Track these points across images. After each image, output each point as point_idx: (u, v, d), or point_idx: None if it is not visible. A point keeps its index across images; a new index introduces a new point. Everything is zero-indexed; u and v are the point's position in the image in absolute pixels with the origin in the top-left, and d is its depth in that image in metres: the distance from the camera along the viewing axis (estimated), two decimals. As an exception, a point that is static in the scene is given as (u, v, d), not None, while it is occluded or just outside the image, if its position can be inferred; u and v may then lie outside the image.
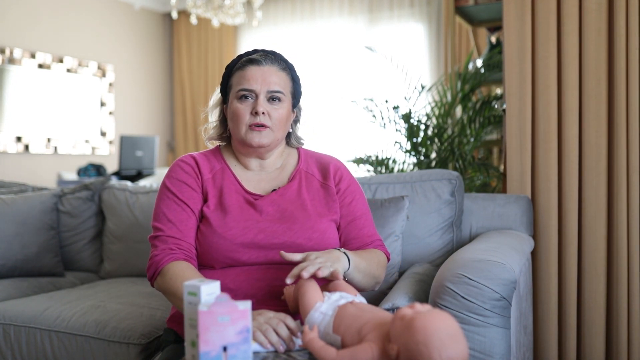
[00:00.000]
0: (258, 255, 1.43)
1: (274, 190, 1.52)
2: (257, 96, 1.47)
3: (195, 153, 1.57)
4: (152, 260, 1.42)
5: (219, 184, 1.51)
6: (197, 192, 1.50)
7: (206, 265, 1.46)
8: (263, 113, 1.46)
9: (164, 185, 1.52)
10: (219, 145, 1.61)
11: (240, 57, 1.54)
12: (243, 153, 1.55)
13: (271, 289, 1.41)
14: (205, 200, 1.50)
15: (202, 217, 1.48)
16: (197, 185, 1.50)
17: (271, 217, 1.46)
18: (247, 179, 1.54)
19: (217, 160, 1.56)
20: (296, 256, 1.32)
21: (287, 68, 1.54)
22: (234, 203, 1.47)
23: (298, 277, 1.26)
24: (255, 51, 1.54)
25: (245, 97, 1.47)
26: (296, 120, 1.61)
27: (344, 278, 1.40)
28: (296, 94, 1.56)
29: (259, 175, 1.55)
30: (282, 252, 1.33)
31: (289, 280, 1.26)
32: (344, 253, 1.39)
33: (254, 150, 1.51)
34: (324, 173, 1.58)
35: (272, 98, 1.48)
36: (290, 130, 1.59)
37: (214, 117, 1.60)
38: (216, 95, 1.60)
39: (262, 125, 1.46)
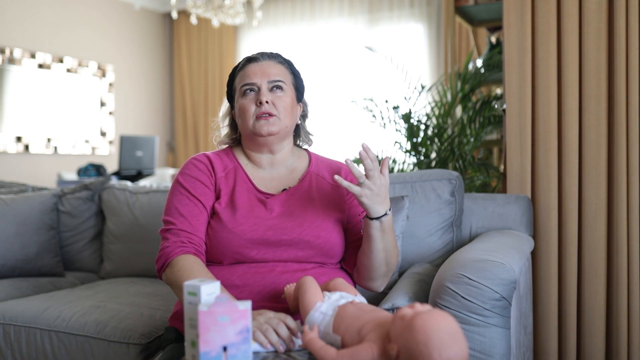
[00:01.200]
0: (266, 252, 1.44)
1: (284, 189, 1.54)
2: (259, 88, 1.51)
3: (208, 152, 1.60)
4: (162, 252, 1.44)
5: (231, 182, 1.54)
6: (210, 189, 1.52)
7: (215, 261, 1.48)
8: (267, 102, 1.49)
9: (176, 181, 1.55)
10: (231, 145, 1.64)
11: (240, 62, 1.59)
12: (254, 149, 1.57)
13: (276, 287, 1.41)
14: (217, 198, 1.52)
15: (214, 213, 1.50)
16: (210, 183, 1.53)
17: (280, 216, 1.48)
18: (259, 178, 1.56)
19: (229, 159, 1.58)
20: (355, 170, 1.37)
21: (286, 62, 1.59)
22: (245, 201, 1.50)
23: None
24: (254, 53, 1.59)
25: (249, 90, 1.51)
26: (304, 116, 1.64)
27: (368, 219, 1.42)
28: (299, 87, 1.59)
29: (270, 174, 1.57)
30: (336, 176, 1.37)
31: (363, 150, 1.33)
32: (388, 210, 1.42)
33: (265, 142, 1.53)
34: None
35: (274, 87, 1.52)
36: (299, 122, 1.62)
37: (224, 124, 1.64)
38: (224, 106, 1.64)
39: (269, 114, 1.49)
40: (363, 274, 1.51)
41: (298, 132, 1.63)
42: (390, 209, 1.43)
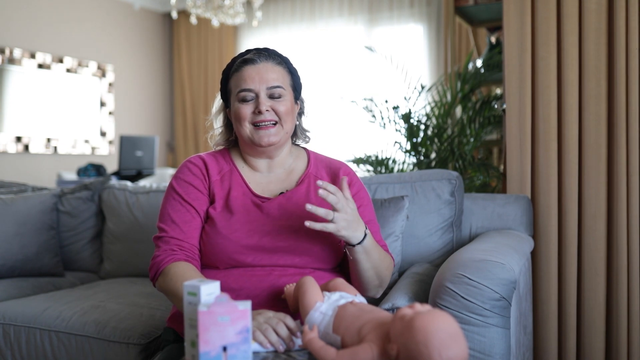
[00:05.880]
0: (262, 258, 1.43)
1: (281, 193, 1.52)
2: (257, 95, 1.46)
3: (204, 154, 1.57)
4: (154, 261, 1.43)
5: (227, 185, 1.51)
6: (204, 194, 1.50)
7: (210, 266, 1.47)
8: (267, 110, 1.45)
9: (171, 186, 1.53)
10: (227, 146, 1.61)
11: (234, 59, 1.53)
12: (251, 154, 1.54)
13: (274, 290, 1.40)
14: (212, 202, 1.50)
15: (208, 218, 1.48)
16: (204, 187, 1.51)
17: (277, 220, 1.45)
18: (255, 181, 1.53)
19: (225, 161, 1.56)
20: (320, 211, 1.30)
21: (283, 62, 1.53)
22: (240, 205, 1.47)
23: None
24: (248, 51, 1.53)
25: (246, 97, 1.46)
26: (300, 113, 1.60)
27: (351, 247, 1.37)
28: (296, 86, 1.55)
29: (267, 178, 1.55)
30: (308, 205, 1.30)
31: (320, 188, 1.28)
32: (365, 230, 1.38)
33: (263, 150, 1.51)
34: (333, 178, 1.57)
35: (273, 94, 1.47)
36: (297, 122, 1.59)
37: (218, 123, 1.60)
38: (218, 102, 1.59)
39: (270, 123, 1.46)
40: (357, 287, 1.48)
41: (295, 130, 1.60)
42: (366, 228, 1.39)
